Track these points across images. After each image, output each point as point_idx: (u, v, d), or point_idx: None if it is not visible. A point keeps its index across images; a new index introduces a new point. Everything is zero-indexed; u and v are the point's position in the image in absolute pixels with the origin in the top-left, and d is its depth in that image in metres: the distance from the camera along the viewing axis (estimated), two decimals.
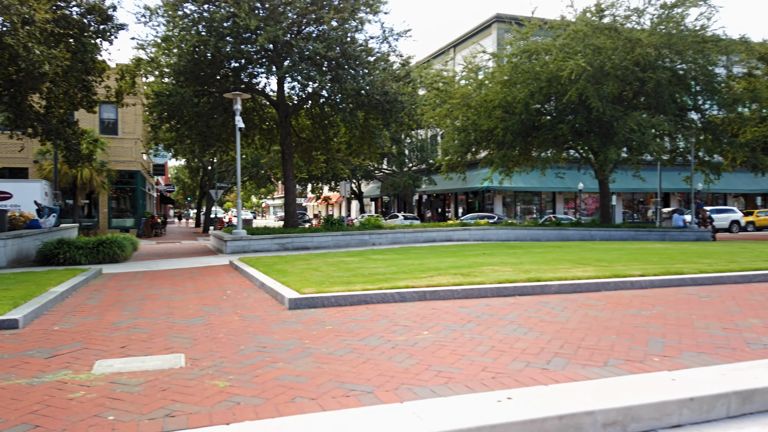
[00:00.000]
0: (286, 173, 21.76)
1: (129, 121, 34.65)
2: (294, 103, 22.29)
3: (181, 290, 9.01)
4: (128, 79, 19.97)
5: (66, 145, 19.10)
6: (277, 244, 17.80)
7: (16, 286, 8.40)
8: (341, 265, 10.78)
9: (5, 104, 17.88)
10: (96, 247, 14.40)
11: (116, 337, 5.59)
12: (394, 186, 43.18)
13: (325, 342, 5.27)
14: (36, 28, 12.46)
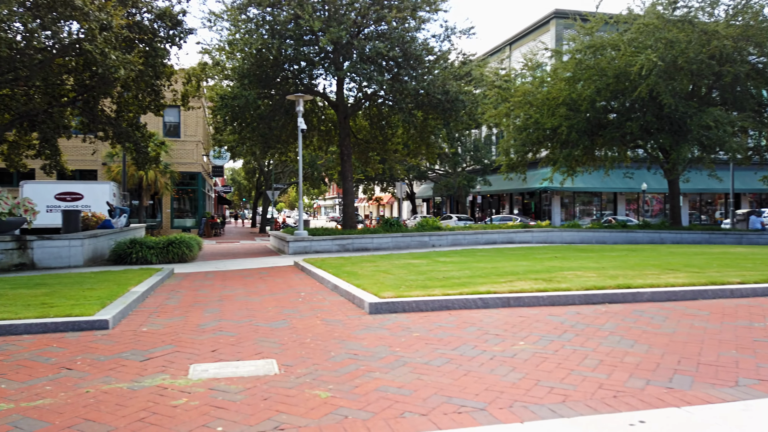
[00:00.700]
0: (344, 174, 21.75)
1: (191, 124, 35.69)
2: (353, 104, 22.28)
3: (254, 291, 9.01)
4: (194, 83, 20.46)
5: (135, 147, 19.71)
6: (338, 245, 17.78)
7: (99, 285, 8.60)
8: (411, 268, 10.55)
9: (80, 109, 18.64)
10: (166, 247, 14.73)
11: (204, 340, 5.54)
12: (448, 187, 42.68)
13: (416, 350, 5.04)
14: (112, 34, 12.85)
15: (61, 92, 18.51)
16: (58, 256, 13.14)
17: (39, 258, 12.90)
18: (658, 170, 26.52)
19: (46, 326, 5.83)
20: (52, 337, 5.67)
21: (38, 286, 8.45)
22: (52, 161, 20.86)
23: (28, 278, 9.96)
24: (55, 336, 5.70)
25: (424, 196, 58.29)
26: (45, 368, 4.57)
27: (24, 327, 5.78)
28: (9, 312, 6.22)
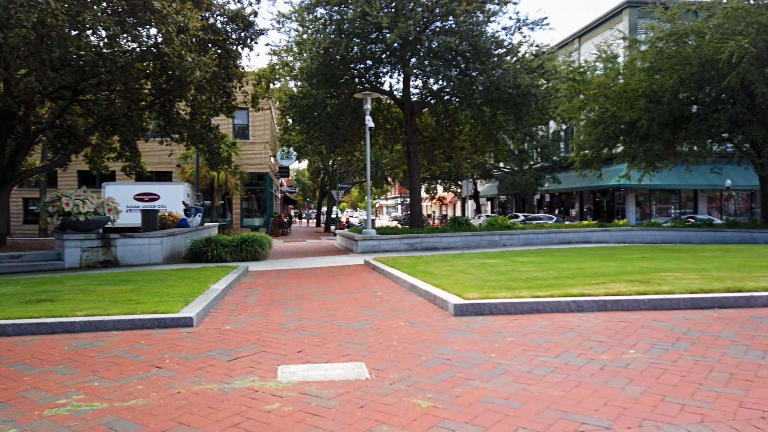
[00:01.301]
0: (411, 172, 21.45)
1: (259, 125, 36.48)
2: (419, 101, 21.95)
3: (330, 290, 8.85)
4: (263, 84, 20.79)
5: (208, 148, 20.23)
6: (406, 244, 17.51)
7: (180, 282, 8.70)
8: (488, 268, 10.10)
9: (157, 112, 19.30)
10: (239, 246, 14.94)
11: (289, 340, 5.38)
12: (514, 185, 41.53)
13: (514, 357, 4.65)
14: (188, 37, 13.14)
15: (140, 96, 19.26)
16: (139, 253, 13.58)
17: (122, 255, 13.37)
18: (748, 165, 24.61)
19: (133, 323, 5.86)
20: (140, 333, 5.68)
21: (123, 283, 8.65)
22: (131, 163, 21.77)
23: (113, 275, 10.27)
24: (143, 333, 5.71)
25: (488, 195, 57.17)
26: (135, 366, 4.52)
27: (112, 323, 5.82)
28: (98, 308, 6.32)
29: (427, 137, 24.49)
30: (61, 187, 33.20)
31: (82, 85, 15.62)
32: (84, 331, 5.74)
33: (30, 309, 6.25)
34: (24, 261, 12.54)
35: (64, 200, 12.72)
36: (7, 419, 3.38)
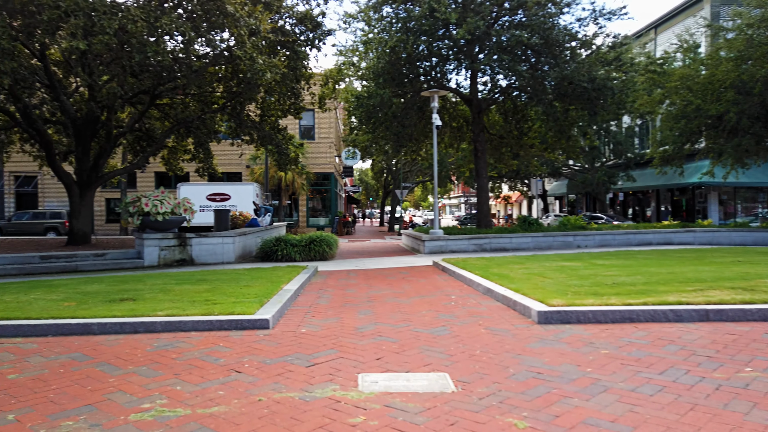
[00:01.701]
0: (478, 171, 20.95)
1: (324, 126, 36.91)
2: (487, 98, 21.39)
3: (402, 292, 8.64)
4: (330, 85, 20.91)
5: (277, 149, 20.54)
6: (474, 245, 17.07)
7: (253, 282, 8.75)
8: (568, 271, 9.58)
9: (228, 114, 19.80)
10: (308, 245, 15.03)
11: (366, 345, 5.20)
12: (585, 183, 39.89)
13: (613, 372, 4.25)
14: (259, 39, 13.32)
15: (212, 99, 19.81)
16: (212, 252, 13.91)
17: (197, 254, 13.73)
18: None
19: (211, 324, 5.86)
20: (218, 335, 5.67)
21: (200, 282, 8.79)
22: (205, 164, 22.44)
23: (189, 274, 10.51)
24: (221, 334, 5.70)
25: (556, 194, 55.32)
26: (215, 370, 4.47)
27: (192, 324, 5.86)
28: (177, 308, 6.39)
29: (494, 135, 23.87)
30: (140, 187, 34.88)
31: (159, 90, 16.22)
32: (165, 331, 5.80)
33: (114, 308, 6.41)
34: (107, 259, 13.12)
35: (143, 201, 13.20)
36: (94, 423, 3.36)
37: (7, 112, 15.79)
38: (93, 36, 10.16)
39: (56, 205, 33.59)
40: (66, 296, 7.28)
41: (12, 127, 18.90)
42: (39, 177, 33.56)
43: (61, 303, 6.74)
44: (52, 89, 15.75)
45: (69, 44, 9.92)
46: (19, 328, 5.69)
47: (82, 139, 16.60)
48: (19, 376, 4.34)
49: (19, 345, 5.34)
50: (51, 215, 29.29)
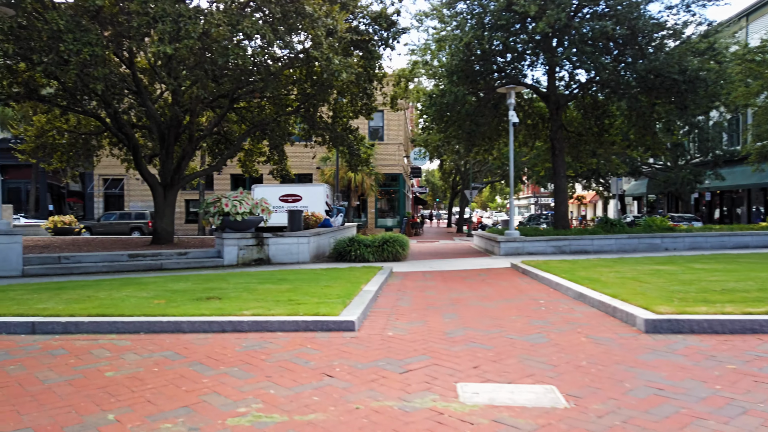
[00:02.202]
0: (556, 170, 20.11)
1: (393, 127, 36.88)
2: (565, 94, 20.52)
3: (485, 296, 8.27)
4: (402, 84, 20.75)
5: (349, 150, 20.61)
6: (553, 247, 16.36)
7: (333, 283, 8.67)
8: (665, 276, 8.86)
9: (301, 116, 20.06)
10: (381, 246, 14.90)
11: (459, 352, 4.91)
12: (668, 182, 37.61)
13: (748, 391, 3.74)
14: (335, 39, 13.31)
15: (287, 102, 20.13)
16: (288, 252, 14.04)
17: (273, 254, 13.91)
18: None
19: (297, 324, 5.77)
20: (304, 336, 5.56)
21: (281, 282, 8.80)
22: (279, 166, 22.89)
23: (269, 273, 10.59)
24: (307, 335, 5.58)
25: (635, 194, 52.65)
26: (307, 373, 4.32)
27: (278, 324, 5.78)
28: (262, 308, 6.35)
29: (571, 132, 22.87)
30: (217, 189, 36.18)
31: (238, 93, 16.62)
32: (252, 330, 5.75)
33: (202, 306, 6.46)
34: (189, 258, 13.52)
35: (223, 201, 13.51)
36: (192, 427, 3.27)
37: (98, 118, 16.67)
38: (179, 41, 10.47)
39: (140, 206, 35.43)
40: (156, 294, 7.45)
41: (102, 132, 20.02)
42: (125, 179, 35.53)
43: (152, 300, 6.88)
44: (138, 95, 16.49)
45: (156, 49, 10.26)
46: (114, 325, 5.82)
47: (166, 143, 17.28)
48: (116, 373, 4.37)
49: (113, 342, 5.44)
50: (136, 216, 30.87)
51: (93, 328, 5.79)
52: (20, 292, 7.84)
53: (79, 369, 4.49)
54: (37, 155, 20.19)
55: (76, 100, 16.17)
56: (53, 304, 6.59)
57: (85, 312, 6.09)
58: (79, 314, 6.02)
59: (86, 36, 10.62)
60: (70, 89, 16.04)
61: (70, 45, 10.33)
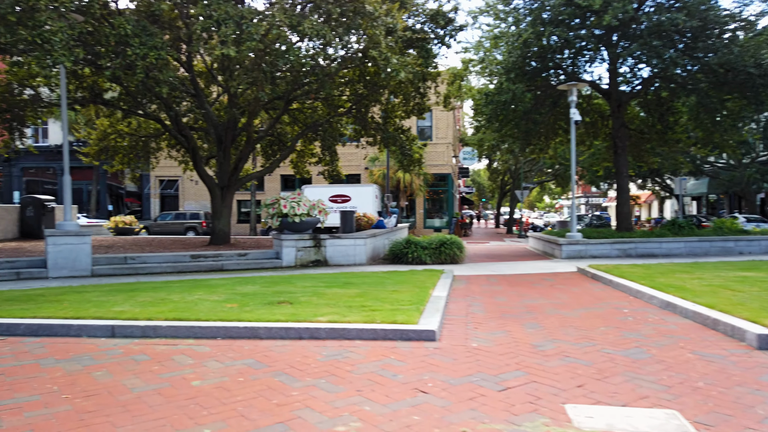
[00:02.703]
0: (618, 169, 19.31)
1: (442, 126, 36.47)
2: (627, 91, 19.68)
3: (561, 303, 7.87)
4: (457, 83, 20.36)
5: (401, 150, 20.37)
6: (618, 250, 15.68)
7: (400, 287, 8.44)
8: (756, 283, 8.23)
9: (353, 117, 19.97)
10: (438, 248, 14.61)
11: (556, 368, 4.58)
12: (732, 182, 35.72)
13: None
14: (393, 39, 13.10)
15: (339, 103, 20.07)
16: (345, 254, 13.92)
17: (330, 255, 13.82)
18: None
19: (375, 333, 5.56)
20: (385, 345, 5.34)
21: (347, 286, 8.63)
22: (330, 167, 22.89)
23: (331, 276, 10.45)
24: (387, 345, 5.36)
25: (693, 194, 50.39)
26: (398, 388, 4.09)
27: (355, 332, 5.59)
28: (337, 314, 6.18)
29: (633, 130, 21.95)
30: (267, 190, 36.67)
31: (293, 95, 16.63)
32: (329, 338, 5.58)
33: (275, 311, 6.34)
34: (249, 259, 13.58)
35: (281, 203, 13.51)
36: None
37: (159, 121, 17.02)
38: (241, 43, 10.47)
39: (194, 206, 36.26)
40: (227, 297, 7.40)
41: (161, 135, 20.48)
42: (179, 180, 36.44)
43: (224, 304, 6.82)
44: (197, 98, 16.75)
45: (220, 52, 10.29)
46: (191, 330, 5.76)
47: (223, 145, 17.48)
48: (202, 383, 4.26)
49: (193, 347, 5.37)
50: (190, 216, 31.55)
51: (171, 332, 5.74)
52: (95, 293, 7.95)
53: (165, 377, 4.40)
54: (100, 158, 20.82)
55: (138, 103, 16.54)
56: (129, 307, 6.61)
57: (162, 316, 6.06)
58: (157, 318, 6.00)
59: (152, 40, 10.77)
60: (132, 93, 16.44)
61: (137, 49, 10.48)
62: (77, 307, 6.62)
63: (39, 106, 16.14)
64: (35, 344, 5.52)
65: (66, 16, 9.98)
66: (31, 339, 5.74)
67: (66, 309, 6.46)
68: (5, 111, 16.21)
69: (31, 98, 16.45)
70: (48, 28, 9.26)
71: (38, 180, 36.74)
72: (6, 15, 9.13)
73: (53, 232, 11.38)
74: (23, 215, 18.84)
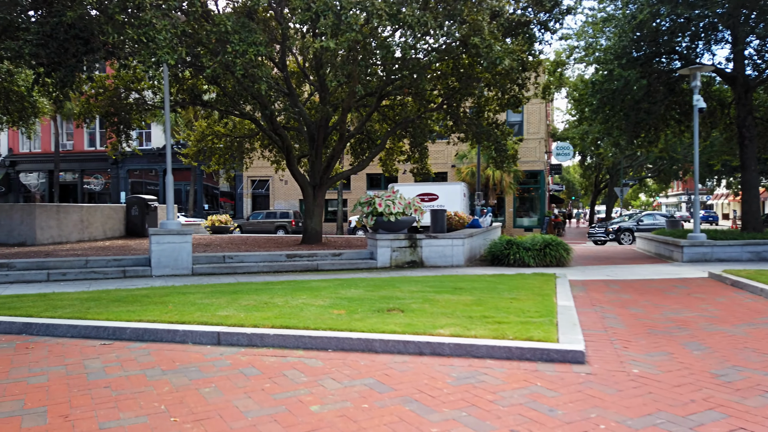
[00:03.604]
0: (744, 163, 17.16)
1: (533, 120, 34.83)
2: (753, 76, 17.49)
3: (712, 316, 6.66)
4: (558, 74, 19.04)
5: (496, 146, 19.33)
6: (749, 253, 13.85)
7: (517, 294, 7.56)
8: None
9: (445, 112, 19.16)
10: (542, 250, 13.50)
11: (762, 409, 3.58)
12: None
13: None
14: (495, 25, 12.18)
15: (430, 98, 19.33)
16: (442, 255, 13.18)
17: (426, 256, 13.13)
18: None
19: (510, 351, 4.77)
20: (523, 368, 4.53)
21: (458, 292, 7.88)
22: (419, 165, 22.25)
23: (435, 279, 9.74)
24: (526, 366, 4.56)
25: None
26: (561, 429, 3.28)
27: (485, 349, 4.82)
28: (458, 326, 5.45)
29: (758, 119, 19.54)
30: (354, 189, 36.65)
31: (385, 90, 16.08)
32: (454, 355, 4.85)
33: (387, 320, 5.71)
34: (343, 259, 13.17)
35: (377, 201, 12.99)
36: None
37: (255, 120, 17.10)
38: (340, 34, 9.99)
39: (284, 205, 36.94)
40: (332, 302, 6.87)
41: (255, 135, 20.71)
42: (270, 180, 37.26)
43: (330, 310, 6.29)
44: (290, 96, 16.64)
45: (319, 45, 9.87)
46: (300, 340, 5.25)
47: (315, 143, 17.28)
48: (321, 408, 3.67)
49: (303, 360, 4.84)
50: (281, 215, 32.07)
51: (278, 342, 5.26)
52: (198, 295, 7.72)
53: (279, 398, 3.87)
54: (198, 159, 21.40)
55: (234, 103, 16.69)
56: (233, 311, 6.24)
57: (269, 323, 5.60)
58: (263, 325, 5.55)
59: (251, 36, 10.55)
60: (229, 94, 16.61)
61: (236, 46, 10.29)
62: (182, 310, 6.33)
63: (144, 109, 16.67)
64: (141, 351, 5.22)
65: (169, 15, 9.97)
66: (137, 344, 5.46)
67: (171, 312, 6.19)
68: (113, 115, 16.92)
69: (136, 102, 17.06)
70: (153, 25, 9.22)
71: (142, 181, 38.94)
72: (114, 15, 9.20)
73: (157, 231, 11.50)
74: (129, 214, 19.68)
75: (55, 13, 11.44)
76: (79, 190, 39.04)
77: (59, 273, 10.68)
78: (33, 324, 5.77)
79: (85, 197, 39.20)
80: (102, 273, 10.96)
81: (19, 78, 16.65)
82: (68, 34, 11.35)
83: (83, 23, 11.38)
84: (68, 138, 38.96)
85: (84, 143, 38.81)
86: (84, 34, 11.50)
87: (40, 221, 16.20)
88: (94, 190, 39.37)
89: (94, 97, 16.49)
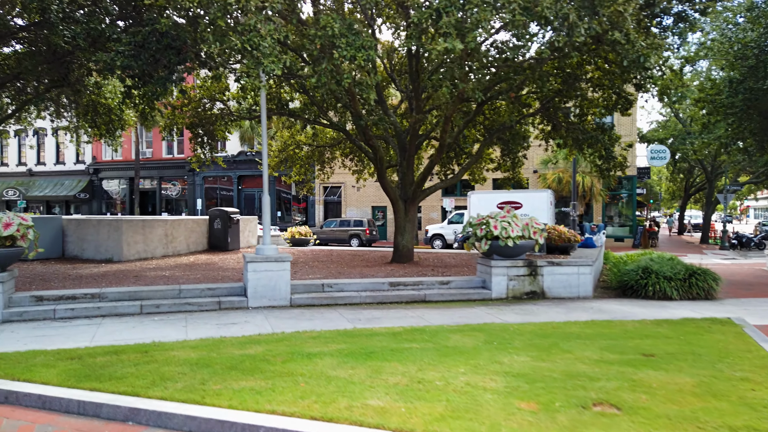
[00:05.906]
0: None
1: (625, 122, 32.23)
2: None
3: None
4: (678, 73, 16.84)
5: (606, 153, 17.37)
6: None
7: (735, 366, 5.78)
8: None
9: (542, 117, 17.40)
10: (687, 279, 11.48)
11: None
12: None
13: None
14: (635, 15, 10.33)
15: (528, 101, 17.54)
16: (567, 284, 11.46)
17: (548, 286, 11.45)
18: None
19: None
20: None
21: (654, 363, 6.07)
22: (510, 173, 20.59)
23: (595, 329, 7.97)
24: None
25: None
26: None
27: None
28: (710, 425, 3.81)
29: None
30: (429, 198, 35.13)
31: (489, 94, 14.46)
32: None
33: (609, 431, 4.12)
34: (452, 288, 11.67)
35: (491, 222, 11.41)
36: None
37: (343, 130, 15.97)
38: (467, 33, 8.51)
39: (356, 213, 35.92)
40: (506, 384, 5.22)
41: (338, 144, 19.61)
42: (342, 187, 36.34)
43: (515, 402, 4.72)
44: (380, 104, 15.38)
45: (443, 46, 8.42)
46: None
47: (407, 153, 15.93)
48: None
49: None
50: (354, 223, 30.99)
51: None
52: (326, 360, 6.28)
53: None
54: (279, 168, 20.54)
55: (324, 112, 15.59)
56: (386, 398, 4.75)
57: (447, 427, 4.15)
58: None
59: (358, 40, 9.26)
60: (317, 102, 15.52)
61: (344, 51, 9.02)
62: (317, 390, 4.98)
63: (229, 120, 15.86)
64: None
65: (272, 19, 8.81)
66: None
67: (305, 393, 4.87)
68: (197, 126, 16.21)
69: (221, 112, 16.28)
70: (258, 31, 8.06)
71: (216, 187, 39.03)
72: (216, 20, 8.12)
73: (254, 257, 10.42)
74: (211, 227, 19.02)
75: (147, 22, 10.60)
76: (158, 197, 39.64)
77: (152, 305, 9.76)
78: (142, 411, 4.59)
79: (163, 203, 39.76)
80: (196, 305, 9.97)
81: (106, 90, 16.20)
82: (160, 44, 10.48)
83: (176, 32, 10.46)
84: (147, 146, 39.64)
85: (162, 151, 39.37)
86: (176, 44, 10.60)
87: (127, 237, 15.67)
88: (172, 196, 39.86)
89: (180, 108, 15.82)
